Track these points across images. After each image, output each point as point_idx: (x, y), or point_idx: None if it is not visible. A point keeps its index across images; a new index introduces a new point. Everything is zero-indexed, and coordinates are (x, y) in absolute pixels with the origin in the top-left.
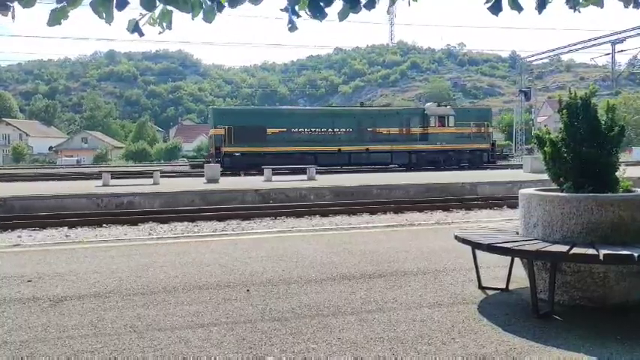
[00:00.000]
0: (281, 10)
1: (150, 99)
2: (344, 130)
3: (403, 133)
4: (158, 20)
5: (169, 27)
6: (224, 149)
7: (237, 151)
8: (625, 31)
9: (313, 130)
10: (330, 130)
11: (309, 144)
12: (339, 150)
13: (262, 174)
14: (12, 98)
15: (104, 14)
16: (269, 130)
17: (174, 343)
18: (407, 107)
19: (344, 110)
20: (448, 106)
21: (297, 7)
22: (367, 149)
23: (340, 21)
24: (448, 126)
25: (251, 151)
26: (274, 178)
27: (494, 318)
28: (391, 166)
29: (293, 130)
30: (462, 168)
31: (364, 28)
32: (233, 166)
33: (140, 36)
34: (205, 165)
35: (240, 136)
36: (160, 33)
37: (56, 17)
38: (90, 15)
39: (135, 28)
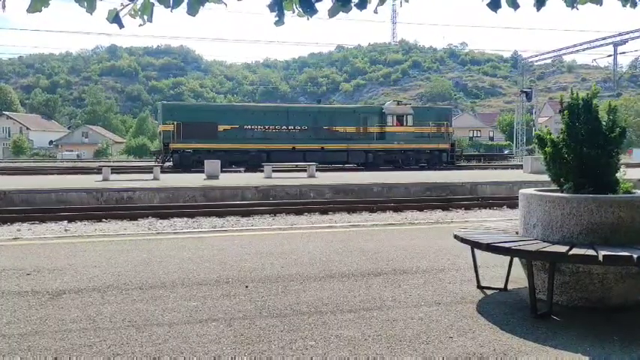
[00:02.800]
0: (267, 6)
1: (151, 94)
2: (299, 127)
3: (360, 132)
4: (139, 12)
5: (150, 20)
6: (172, 146)
7: (186, 148)
8: (627, 32)
9: (267, 127)
10: (284, 127)
11: (263, 141)
12: (294, 148)
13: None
14: (13, 92)
15: (85, 3)
16: (220, 127)
17: (173, 338)
18: (364, 106)
19: (299, 108)
20: (407, 105)
21: (284, 3)
22: (322, 147)
23: (330, 18)
24: (406, 125)
25: (201, 147)
26: (274, 175)
27: (492, 317)
28: (347, 165)
29: (246, 127)
30: (421, 168)
31: (366, 27)
32: (182, 163)
33: (120, 27)
34: (205, 161)
35: (189, 132)
36: (141, 25)
37: (36, 5)
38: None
39: (115, 18)
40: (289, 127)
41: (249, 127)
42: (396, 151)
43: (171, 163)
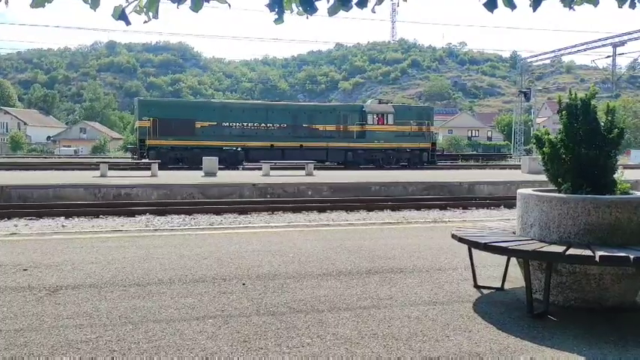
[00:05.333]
0: (266, 5)
1: (149, 91)
2: (278, 125)
3: (340, 130)
4: (145, 8)
5: (156, 16)
6: (149, 142)
7: (162, 145)
8: (626, 33)
9: (245, 124)
10: (263, 125)
11: (241, 139)
12: (272, 146)
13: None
14: (11, 87)
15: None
16: (198, 124)
17: (169, 334)
18: (345, 104)
19: (278, 105)
20: (388, 104)
21: (283, 2)
22: (301, 145)
23: (330, 16)
24: (387, 124)
25: (178, 144)
26: (272, 172)
27: (489, 317)
28: (327, 163)
29: (224, 124)
30: (402, 167)
31: (365, 25)
32: (158, 160)
33: (127, 24)
34: (204, 158)
35: (166, 128)
36: (146, 22)
37: (39, 0)
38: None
39: (121, 15)
40: (268, 125)
41: (227, 124)
42: (377, 150)
43: (147, 160)
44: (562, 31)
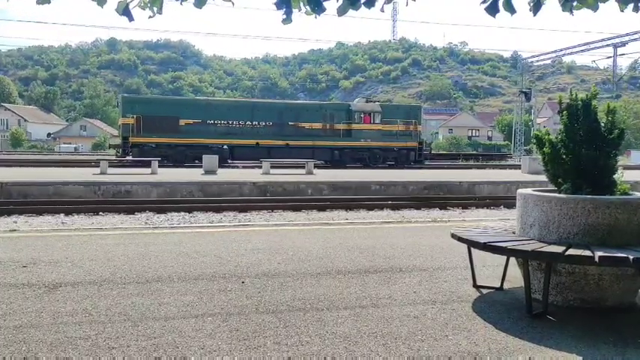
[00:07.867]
0: (274, 4)
1: (150, 88)
2: (264, 123)
3: (326, 129)
4: (149, 4)
5: (160, 12)
6: (132, 139)
7: (146, 142)
8: (627, 34)
9: (230, 122)
10: (248, 123)
11: (226, 136)
12: (257, 144)
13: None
14: (11, 83)
15: None
16: (182, 121)
17: (168, 332)
18: (331, 102)
19: (264, 103)
20: (375, 103)
21: (291, 1)
22: (287, 144)
23: (339, 16)
24: (374, 123)
25: (162, 142)
26: (272, 171)
27: (487, 316)
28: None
29: (209, 121)
30: (390, 167)
31: (366, 24)
32: (142, 158)
33: (130, 20)
34: (204, 156)
35: (150, 126)
36: (150, 17)
37: None
38: (90, 2)
39: (124, 10)
40: (253, 123)
41: (212, 121)
42: (363, 148)
43: (130, 157)
44: (563, 31)
